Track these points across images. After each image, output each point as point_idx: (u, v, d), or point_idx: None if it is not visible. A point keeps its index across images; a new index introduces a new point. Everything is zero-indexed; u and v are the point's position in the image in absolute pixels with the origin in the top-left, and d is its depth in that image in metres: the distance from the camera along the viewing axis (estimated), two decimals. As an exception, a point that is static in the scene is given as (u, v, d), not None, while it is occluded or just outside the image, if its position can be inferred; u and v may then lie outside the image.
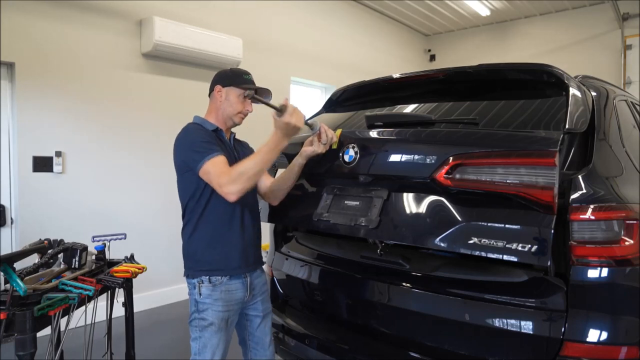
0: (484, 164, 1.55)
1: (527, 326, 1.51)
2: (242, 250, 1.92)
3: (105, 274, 2.19)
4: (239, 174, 1.72)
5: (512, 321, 1.52)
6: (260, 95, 1.96)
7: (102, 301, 2.22)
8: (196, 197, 1.87)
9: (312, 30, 6.35)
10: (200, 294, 1.85)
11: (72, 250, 2.08)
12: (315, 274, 2.20)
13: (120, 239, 2.39)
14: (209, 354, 1.83)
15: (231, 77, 1.98)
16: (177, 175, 1.93)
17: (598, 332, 1.43)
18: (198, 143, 1.82)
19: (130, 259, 2.43)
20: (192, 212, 1.90)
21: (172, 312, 4.41)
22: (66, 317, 1.82)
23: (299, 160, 1.98)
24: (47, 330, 1.77)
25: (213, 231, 1.88)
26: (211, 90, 2.00)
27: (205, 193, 1.86)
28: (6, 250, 3.55)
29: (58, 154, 3.84)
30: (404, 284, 1.84)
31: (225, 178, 1.72)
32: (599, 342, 1.42)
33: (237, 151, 2.02)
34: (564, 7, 7.32)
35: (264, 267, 2.12)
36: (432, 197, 1.67)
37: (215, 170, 1.74)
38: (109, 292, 2.28)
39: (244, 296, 1.94)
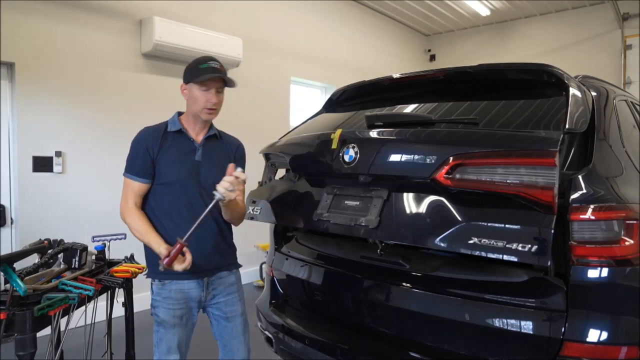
0: (484, 164, 1.55)
1: (527, 326, 1.50)
2: (195, 259, 1.76)
3: (105, 274, 2.19)
4: (126, 221, 1.87)
5: (512, 321, 1.52)
6: (215, 82, 1.81)
7: (102, 301, 2.22)
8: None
9: (312, 30, 6.34)
10: (152, 291, 1.92)
11: (72, 250, 2.08)
12: (315, 274, 2.20)
13: (120, 239, 2.39)
14: (165, 347, 1.88)
15: (190, 71, 1.84)
16: None
17: (598, 332, 1.43)
18: (129, 154, 1.91)
19: (130, 259, 2.43)
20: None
21: (172, 312, 4.40)
22: (66, 317, 1.82)
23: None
24: (47, 330, 1.77)
25: (162, 236, 1.84)
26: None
27: (147, 197, 1.92)
28: (6, 250, 3.54)
29: (58, 154, 3.84)
30: (404, 284, 1.84)
31: (122, 206, 1.88)
32: (599, 342, 1.42)
33: (206, 152, 1.91)
34: (564, 7, 7.31)
35: (264, 267, 2.11)
36: (432, 197, 1.67)
37: (123, 191, 1.89)
38: (109, 292, 2.28)
39: (199, 295, 1.93)
